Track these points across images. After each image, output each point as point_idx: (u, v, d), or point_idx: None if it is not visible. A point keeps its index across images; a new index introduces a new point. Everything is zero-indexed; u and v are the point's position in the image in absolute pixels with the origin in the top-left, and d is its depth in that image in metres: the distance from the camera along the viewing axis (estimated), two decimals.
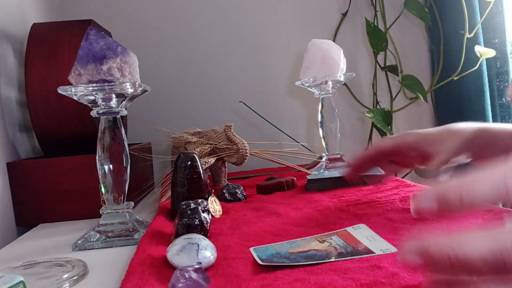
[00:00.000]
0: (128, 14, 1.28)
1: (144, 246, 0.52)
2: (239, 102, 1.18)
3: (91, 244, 0.59)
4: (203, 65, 1.30)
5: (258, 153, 0.95)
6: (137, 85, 0.59)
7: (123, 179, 0.62)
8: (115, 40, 0.58)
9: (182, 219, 0.54)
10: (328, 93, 0.94)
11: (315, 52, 0.93)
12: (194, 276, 0.39)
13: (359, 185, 0.81)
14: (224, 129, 0.92)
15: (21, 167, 0.78)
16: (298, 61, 1.24)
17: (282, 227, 0.58)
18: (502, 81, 1.24)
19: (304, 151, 1.10)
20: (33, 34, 0.84)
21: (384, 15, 1.31)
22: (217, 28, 1.31)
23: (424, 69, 1.39)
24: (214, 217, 0.66)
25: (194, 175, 0.69)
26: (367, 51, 1.36)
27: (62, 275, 0.47)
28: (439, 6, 1.31)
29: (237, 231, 0.58)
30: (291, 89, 1.34)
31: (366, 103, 1.36)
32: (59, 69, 0.81)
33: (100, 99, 0.59)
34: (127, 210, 0.62)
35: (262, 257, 0.46)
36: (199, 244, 0.46)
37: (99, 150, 0.61)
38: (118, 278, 0.46)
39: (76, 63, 0.57)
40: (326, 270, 0.41)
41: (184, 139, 0.94)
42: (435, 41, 1.34)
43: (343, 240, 0.50)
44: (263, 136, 1.30)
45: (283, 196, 0.79)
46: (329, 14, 1.35)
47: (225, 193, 0.80)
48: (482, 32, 1.22)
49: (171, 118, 1.27)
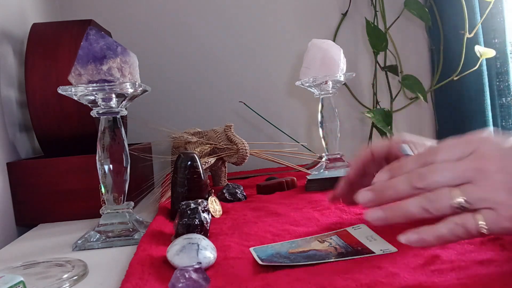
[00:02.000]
0: (128, 14, 1.28)
1: (144, 246, 0.52)
2: (239, 102, 1.18)
3: (91, 244, 0.59)
4: (203, 65, 1.30)
5: (258, 153, 0.95)
6: (137, 85, 0.59)
7: (123, 179, 0.62)
8: (115, 40, 0.58)
9: (182, 219, 0.54)
10: (328, 93, 0.94)
11: (315, 52, 0.93)
12: (194, 276, 0.39)
13: None
14: (224, 129, 0.92)
15: (21, 167, 0.78)
16: (298, 61, 1.23)
17: (282, 227, 0.58)
18: (502, 81, 1.24)
19: (304, 151, 1.10)
20: (33, 34, 0.84)
21: (384, 15, 1.31)
22: (217, 28, 1.31)
23: (424, 69, 1.39)
24: (214, 217, 0.66)
25: (194, 175, 0.69)
26: (367, 51, 1.36)
27: (62, 275, 0.47)
28: (439, 6, 1.31)
29: (237, 231, 0.58)
30: (291, 89, 1.34)
31: (366, 103, 1.36)
32: (59, 69, 0.81)
33: (100, 99, 0.59)
34: (127, 210, 0.62)
35: (262, 257, 0.46)
36: (199, 244, 0.46)
37: (99, 150, 0.61)
38: (118, 278, 0.46)
39: (76, 63, 0.57)
40: (326, 270, 0.41)
41: (184, 139, 0.94)
42: (435, 41, 1.34)
43: (343, 240, 0.50)
44: (263, 136, 1.30)
45: (283, 196, 0.79)
46: (329, 14, 1.35)
47: (225, 193, 0.80)
48: (482, 32, 1.22)
49: (171, 118, 1.27)
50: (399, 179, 0.40)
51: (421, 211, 0.37)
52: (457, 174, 0.37)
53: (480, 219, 0.35)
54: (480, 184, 0.36)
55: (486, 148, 0.38)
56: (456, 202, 0.36)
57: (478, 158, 0.37)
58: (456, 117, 1.31)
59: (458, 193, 0.36)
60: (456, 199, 0.36)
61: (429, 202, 0.37)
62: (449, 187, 0.37)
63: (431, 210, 0.37)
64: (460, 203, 0.36)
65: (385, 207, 0.39)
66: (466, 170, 0.37)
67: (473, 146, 0.38)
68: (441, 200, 0.37)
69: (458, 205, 0.36)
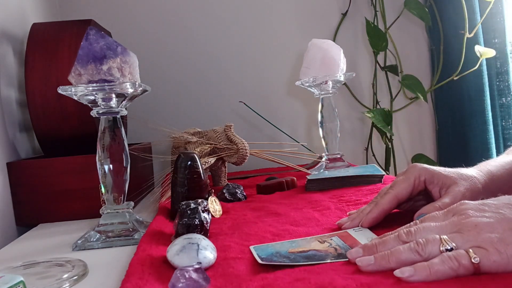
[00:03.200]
0: (128, 14, 1.28)
1: (144, 246, 0.52)
2: (239, 102, 1.18)
3: (91, 244, 0.59)
4: (203, 65, 1.30)
5: (258, 153, 0.95)
6: (137, 85, 0.59)
7: (123, 179, 0.62)
8: (115, 40, 0.58)
9: (182, 219, 0.54)
10: (328, 93, 0.94)
11: (315, 52, 0.93)
12: (194, 276, 0.39)
13: (358, 185, 0.81)
14: (224, 129, 0.92)
15: (21, 167, 0.78)
16: (298, 61, 1.23)
17: (282, 227, 0.58)
18: (502, 81, 1.24)
19: (304, 151, 1.10)
20: (33, 34, 0.84)
21: (384, 15, 1.31)
22: (217, 28, 1.31)
23: (424, 69, 1.39)
24: (214, 217, 0.66)
25: (194, 175, 0.68)
26: (367, 51, 1.36)
27: (62, 275, 0.47)
28: (439, 6, 1.31)
29: (237, 231, 0.58)
30: (291, 89, 1.34)
31: (366, 103, 1.36)
32: (59, 69, 0.81)
33: (100, 99, 0.59)
34: (127, 210, 0.62)
35: (261, 256, 0.46)
36: (199, 244, 0.46)
37: (99, 150, 0.61)
38: (118, 278, 0.46)
39: (76, 63, 0.57)
40: (326, 270, 0.41)
41: (184, 139, 0.94)
42: (435, 41, 1.34)
43: (343, 241, 0.50)
44: (263, 136, 1.30)
45: (283, 196, 0.79)
46: (329, 14, 1.35)
47: (225, 193, 0.80)
48: (482, 32, 1.22)
49: (171, 118, 1.27)
50: (388, 239, 0.43)
51: (412, 255, 0.40)
52: (442, 230, 0.41)
53: (471, 252, 0.37)
54: (465, 232, 0.39)
55: (463, 207, 0.42)
56: (446, 248, 0.39)
57: (459, 216, 0.42)
58: (456, 117, 1.31)
59: (447, 238, 0.39)
60: (447, 245, 0.39)
61: (420, 246, 0.40)
62: (438, 235, 0.40)
63: (421, 253, 0.39)
64: (450, 247, 0.39)
65: (376, 254, 0.42)
66: (451, 226, 0.41)
67: (452, 211, 0.43)
68: (431, 244, 0.39)
69: (447, 249, 0.39)
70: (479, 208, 0.42)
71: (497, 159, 0.61)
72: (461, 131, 1.29)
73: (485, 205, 0.42)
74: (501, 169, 0.58)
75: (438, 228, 0.42)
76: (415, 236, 0.42)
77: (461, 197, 0.52)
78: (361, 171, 0.84)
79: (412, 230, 0.42)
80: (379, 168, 0.85)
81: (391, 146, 1.32)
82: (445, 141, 1.37)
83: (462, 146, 1.29)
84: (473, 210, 0.41)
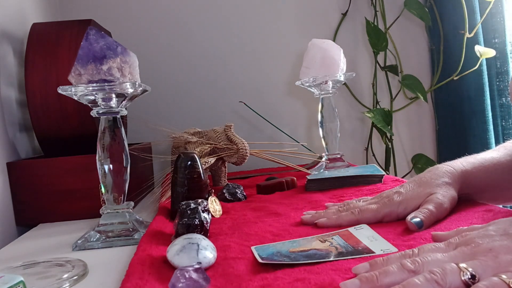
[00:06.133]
0: (128, 14, 1.28)
1: (144, 246, 0.51)
2: (239, 102, 1.18)
3: (91, 244, 0.59)
4: (203, 65, 1.30)
5: (258, 153, 0.95)
6: (137, 85, 0.58)
7: (123, 179, 0.62)
8: (115, 40, 0.58)
9: (182, 219, 0.54)
10: (328, 93, 0.94)
11: (315, 52, 0.93)
12: (194, 276, 0.39)
13: (358, 185, 0.81)
14: (224, 129, 0.92)
15: (21, 167, 0.78)
16: (298, 61, 1.23)
17: (282, 227, 0.58)
18: (502, 81, 1.24)
19: (304, 151, 1.10)
20: (33, 34, 0.84)
21: (384, 15, 1.31)
22: (217, 28, 1.31)
23: (424, 69, 1.39)
24: (214, 217, 0.66)
25: (194, 175, 0.68)
26: (367, 51, 1.36)
27: (62, 275, 0.47)
28: (439, 6, 1.31)
29: (237, 231, 0.58)
30: (291, 89, 1.34)
31: (366, 103, 1.36)
32: (59, 69, 0.81)
33: (100, 99, 0.59)
34: (127, 210, 0.62)
35: (262, 255, 0.46)
36: (199, 244, 0.46)
37: (99, 150, 0.61)
38: (118, 278, 0.46)
39: (76, 63, 0.57)
40: (327, 269, 0.41)
41: (184, 139, 0.94)
42: (435, 41, 1.34)
43: (344, 240, 0.50)
44: (263, 136, 1.30)
45: (283, 196, 0.79)
46: (329, 14, 1.35)
47: (225, 193, 0.79)
48: (482, 32, 1.22)
49: (171, 118, 1.27)
50: (391, 270, 0.38)
51: (430, 287, 0.34)
52: (454, 259, 0.37)
53: (504, 277, 0.33)
54: (482, 258, 0.36)
55: (468, 238, 0.40)
56: (468, 277, 0.34)
57: (467, 246, 0.39)
58: (456, 117, 1.31)
59: (466, 266, 0.35)
60: (467, 273, 0.34)
61: (438, 275, 0.35)
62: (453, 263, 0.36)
63: (441, 283, 0.34)
64: (472, 275, 0.34)
65: None
66: (462, 255, 0.37)
67: (455, 244, 0.40)
68: (451, 274, 0.35)
69: (469, 277, 0.34)
70: (485, 235, 0.39)
71: (477, 156, 0.64)
72: (461, 131, 1.29)
73: (488, 231, 0.40)
74: (478, 166, 0.61)
75: (448, 257, 0.37)
76: (423, 266, 0.37)
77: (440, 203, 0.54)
78: (361, 171, 0.84)
79: (418, 260, 0.37)
80: (379, 168, 0.85)
81: (391, 146, 1.32)
82: (445, 141, 1.37)
83: (462, 146, 1.28)
84: (479, 238, 0.39)
